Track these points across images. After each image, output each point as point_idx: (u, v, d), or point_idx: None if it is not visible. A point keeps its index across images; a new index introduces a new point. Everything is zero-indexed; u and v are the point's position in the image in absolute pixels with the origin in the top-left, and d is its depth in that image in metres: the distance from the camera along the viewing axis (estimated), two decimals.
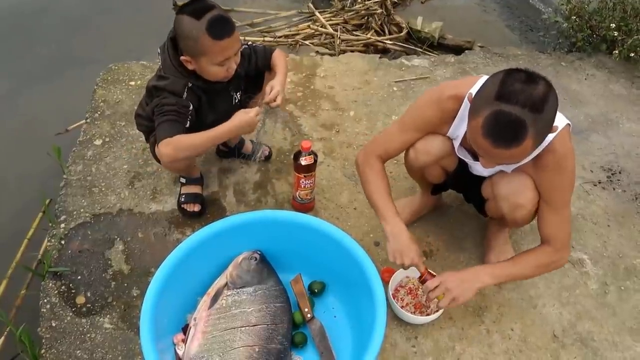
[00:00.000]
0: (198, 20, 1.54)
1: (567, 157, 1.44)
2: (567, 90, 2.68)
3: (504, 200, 1.57)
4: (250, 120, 1.67)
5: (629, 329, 1.74)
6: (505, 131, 1.24)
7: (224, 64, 1.63)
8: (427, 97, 1.59)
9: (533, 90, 1.22)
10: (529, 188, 1.51)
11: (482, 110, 1.26)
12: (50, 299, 1.73)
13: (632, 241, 2.00)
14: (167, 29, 1.69)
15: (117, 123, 2.30)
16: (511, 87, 1.23)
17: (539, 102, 1.22)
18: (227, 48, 1.59)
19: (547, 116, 1.25)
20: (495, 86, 1.25)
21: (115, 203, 2.01)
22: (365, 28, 3.22)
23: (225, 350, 1.49)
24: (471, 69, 2.76)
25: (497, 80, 1.26)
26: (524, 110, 1.21)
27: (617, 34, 2.82)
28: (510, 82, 1.24)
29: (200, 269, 1.65)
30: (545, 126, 1.28)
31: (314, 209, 2.02)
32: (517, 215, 1.57)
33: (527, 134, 1.23)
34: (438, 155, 1.62)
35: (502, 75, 1.27)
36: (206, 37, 1.55)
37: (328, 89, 2.56)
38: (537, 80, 1.25)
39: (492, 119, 1.24)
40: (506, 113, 1.22)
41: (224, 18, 1.58)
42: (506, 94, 1.23)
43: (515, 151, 1.26)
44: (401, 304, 1.70)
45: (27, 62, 2.87)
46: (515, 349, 1.67)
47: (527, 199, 1.52)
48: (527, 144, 1.25)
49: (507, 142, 1.25)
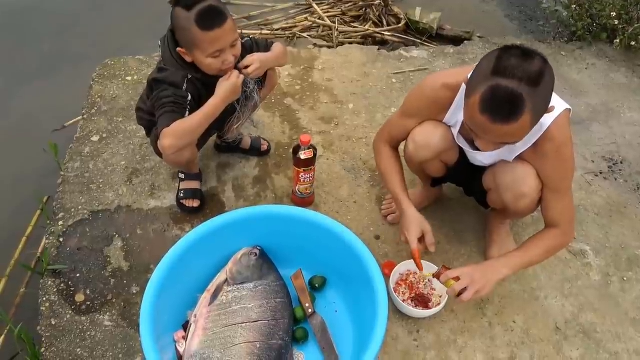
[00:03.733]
0: (189, 12, 1.53)
1: (566, 144, 1.44)
2: (568, 79, 2.66)
3: (507, 189, 1.56)
4: (233, 83, 1.65)
5: (631, 320, 1.74)
6: (503, 105, 1.23)
7: (218, 56, 1.60)
8: (422, 85, 1.59)
9: (529, 65, 1.22)
10: (532, 176, 1.51)
11: (478, 86, 1.26)
12: (49, 297, 1.72)
13: (635, 232, 1.99)
14: (162, 22, 1.67)
15: (114, 119, 2.28)
16: (507, 62, 1.23)
17: (536, 75, 1.21)
18: (217, 39, 1.57)
19: (544, 91, 1.25)
20: (492, 62, 1.25)
21: (114, 200, 1.99)
22: (363, 19, 3.19)
23: (226, 347, 1.48)
24: (470, 59, 2.74)
25: (492, 57, 1.26)
26: (521, 84, 1.21)
27: (618, 23, 2.80)
28: (507, 57, 1.24)
29: (200, 265, 1.64)
30: (543, 102, 1.27)
31: (313, 203, 2.01)
32: (520, 204, 1.56)
33: (525, 108, 1.22)
34: (438, 149, 1.61)
35: (498, 52, 1.27)
36: (196, 28, 1.53)
37: (326, 82, 2.54)
38: (533, 55, 1.24)
39: (489, 94, 1.24)
40: (503, 87, 1.22)
41: (214, 9, 1.55)
42: (502, 69, 1.23)
43: (513, 126, 1.25)
44: (402, 298, 1.69)
45: (22, 59, 2.84)
46: (518, 342, 1.66)
47: (531, 188, 1.51)
48: (525, 119, 1.24)
49: (505, 116, 1.24)
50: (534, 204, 1.58)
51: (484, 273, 1.49)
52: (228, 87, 1.65)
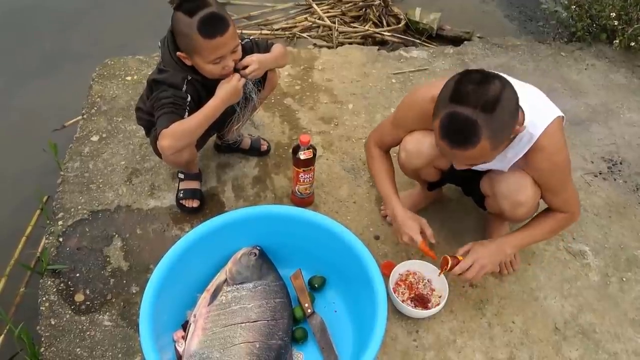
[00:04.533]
0: (190, 18, 1.53)
1: (558, 152, 1.45)
2: (567, 80, 2.66)
3: (504, 198, 1.57)
4: (234, 86, 1.66)
5: (630, 320, 1.74)
6: (459, 132, 1.26)
7: (219, 62, 1.61)
8: (411, 97, 1.59)
9: (485, 91, 1.23)
10: (528, 185, 1.51)
11: (438, 112, 1.29)
12: (49, 297, 1.72)
13: (634, 232, 1.99)
14: (162, 23, 1.67)
15: (114, 119, 2.28)
16: (464, 88, 1.25)
17: (491, 102, 1.23)
18: (219, 47, 1.57)
19: (501, 116, 1.25)
20: (450, 88, 1.27)
21: (113, 199, 1.99)
22: (363, 20, 3.19)
23: (226, 347, 1.48)
24: (470, 60, 2.74)
25: (452, 82, 1.28)
26: (476, 111, 1.23)
27: (617, 23, 2.80)
28: (464, 83, 1.26)
29: (200, 265, 1.64)
30: (502, 126, 1.28)
31: (313, 204, 2.01)
32: (518, 212, 1.58)
33: (481, 135, 1.24)
34: (430, 157, 1.61)
35: (458, 76, 1.29)
36: (197, 35, 1.53)
37: (326, 82, 2.54)
38: (491, 80, 1.25)
39: (446, 121, 1.27)
40: (458, 114, 1.24)
41: (216, 16, 1.55)
42: (459, 95, 1.25)
43: (472, 152, 1.28)
44: (402, 298, 1.69)
45: (22, 58, 2.85)
46: (517, 342, 1.66)
47: (527, 196, 1.53)
48: (484, 144, 1.26)
49: (461, 143, 1.27)
50: (531, 211, 1.59)
51: (490, 254, 1.56)
52: (228, 89, 1.65)
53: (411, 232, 1.60)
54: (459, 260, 1.57)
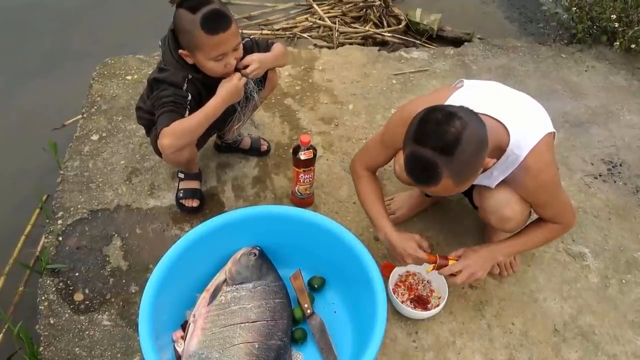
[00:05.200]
0: (193, 14, 1.53)
1: (544, 171, 1.43)
2: (568, 82, 2.66)
3: (491, 213, 1.57)
4: (235, 85, 1.65)
5: (630, 322, 1.74)
6: (420, 172, 1.28)
7: (221, 59, 1.60)
8: (399, 115, 1.56)
9: (444, 133, 1.23)
10: (515, 201, 1.51)
11: (405, 148, 1.31)
12: (48, 296, 1.72)
13: (633, 234, 1.99)
14: (163, 22, 1.67)
15: (114, 118, 2.28)
16: (425, 128, 1.26)
17: (450, 145, 1.22)
18: (221, 43, 1.57)
19: (462, 157, 1.24)
20: (414, 126, 1.28)
21: (113, 199, 1.99)
22: (364, 20, 3.19)
23: (225, 347, 1.48)
24: (470, 61, 2.74)
25: (417, 119, 1.28)
26: (435, 153, 1.23)
27: (618, 25, 2.80)
28: (426, 122, 1.26)
29: (199, 265, 1.64)
30: (464, 166, 1.27)
31: (313, 204, 2.01)
32: (506, 226, 1.59)
33: (442, 175, 1.25)
34: None
35: (422, 113, 1.29)
36: (200, 31, 1.53)
37: (327, 82, 2.54)
38: (451, 121, 1.23)
39: (409, 160, 1.29)
40: (418, 155, 1.26)
41: (219, 12, 1.55)
42: (419, 136, 1.26)
43: (436, 189, 1.29)
44: (401, 299, 1.69)
45: (21, 57, 2.84)
46: (517, 344, 1.66)
47: (514, 211, 1.53)
48: (446, 182, 1.27)
49: (424, 181, 1.30)
50: (520, 224, 1.59)
51: (482, 260, 1.56)
52: (229, 89, 1.65)
53: (413, 252, 1.56)
54: (448, 261, 1.56)
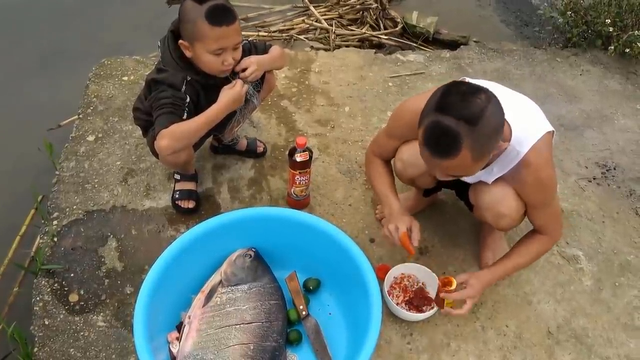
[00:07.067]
0: (200, 5, 1.55)
1: (544, 168, 1.45)
2: (562, 85, 2.68)
3: (486, 209, 1.58)
4: (237, 92, 1.67)
5: (623, 325, 1.75)
6: (440, 141, 1.27)
7: (219, 54, 1.61)
8: (401, 109, 1.60)
9: (469, 103, 1.24)
10: (511, 197, 1.52)
11: (424, 120, 1.30)
12: (43, 297, 1.71)
13: (627, 237, 2.00)
14: (159, 23, 1.67)
15: (110, 119, 2.28)
16: (449, 98, 1.26)
17: (475, 115, 1.23)
18: (223, 37, 1.58)
19: (485, 130, 1.26)
20: (437, 97, 1.28)
21: (109, 200, 1.99)
22: (360, 23, 3.20)
23: (220, 348, 1.48)
24: (466, 64, 2.75)
25: (439, 91, 1.29)
26: (459, 122, 1.23)
27: (612, 30, 2.82)
28: (450, 93, 1.27)
29: (195, 266, 1.64)
30: (485, 140, 1.28)
31: (309, 206, 2.01)
32: (501, 223, 1.59)
33: (462, 146, 1.25)
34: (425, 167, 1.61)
35: (445, 86, 1.30)
36: (203, 21, 1.54)
37: (323, 85, 2.54)
38: (477, 93, 1.26)
39: (429, 129, 1.28)
40: (441, 123, 1.25)
41: (225, 7, 1.58)
42: (444, 105, 1.26)
43: (453, 162, 1.28)
44: (396, 301, 1.69)
45: (17, 56, 2.84)
46: (510, 346, 1.67)
47: (510, 208, 1.53)
48: (465, 155, 1.26)
49: (442, 152, 1.28)
50: (515, 222, 1.60)
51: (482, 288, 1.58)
52: (231, 96, 1.66)
53: (399, 223, 1.59)
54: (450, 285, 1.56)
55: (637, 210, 2.10)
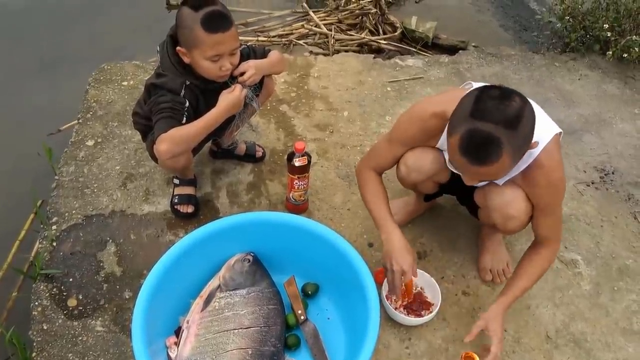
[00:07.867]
0: (195, 12, 1.56)
1: (556, 169, 1.45)
2: (561, 90, 2.68)
3: (495, 210, 1.57)
4: (236, 97, 1.68)
5: (621, 329, 1.75)
6: (481, 149, 1.25)
7: (216, 60, 1.62)
8: (410, 113, 1.58)
9: (507, 107, 1.23)
10: (521, 199, 1.52)
11: (458, 128, 1.27)
12: (41, 302, 1.72)
13: (625, 241, 2.01)
14: (159, 27, 1.68)
15: (110, 124, 2.29)
16: (485, 104, 1.24)
17: (513, 118, 1.22)
18: (219, 43, 1.58)
19: (523, 132, 1.25)
20: (470, 103, 1.26)
21: (108, 204, 1.99)
22: (360, 28, 3.21)
23: (218, 353, 1.48)
24: (465, 69, 2.76)
25: (472, 97, 1.27)
26: (498, 127, 1.22)
27: (611, 35, 2.83)
28: (484, 99, 1.25)
29: (193, 271, 1.64)
30: (523, 142, 1.28)
31: (307, 210, 2.01)
32: (509, 225, 1.58)
33: (503, 151, 1.23)
34: (430, 173, 1.61)
35: (476, 92, 1.28)
36: (200, 28, 1.55)
37: (322, 89, 2.55)
38: (512, 96, 1.25)
39: (467, 137, 1.25)
40: (480, 130, 1.23)
41: (221, 13, 1.58)
42: (480, 111, 1.24)
43: (492, 168, 1.27)
44: (394, 306, 1.69)
45: (17, 61, 2.84)
46: (509, 350, 1.67)
47: (519, 211, 1.53)
48: (504, 160, 1.25)
49: (483, 159, 1.26)
50: (522, 225, 1.59)
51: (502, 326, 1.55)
52: (230, 101, 1.67)
53: (405, 265, 1.55)
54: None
55: (636, 214, 2.11)
